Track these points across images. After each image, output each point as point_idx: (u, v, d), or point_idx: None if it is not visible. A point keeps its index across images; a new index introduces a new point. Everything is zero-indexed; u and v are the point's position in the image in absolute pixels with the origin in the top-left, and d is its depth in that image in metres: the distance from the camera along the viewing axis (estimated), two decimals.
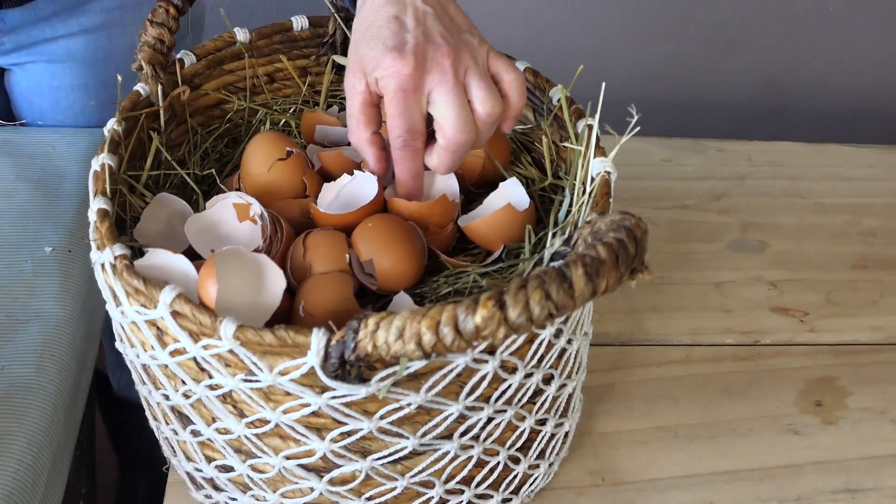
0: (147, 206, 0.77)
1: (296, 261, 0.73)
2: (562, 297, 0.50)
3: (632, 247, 0.53)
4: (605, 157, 0.73)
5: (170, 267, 0.67)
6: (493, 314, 0.50)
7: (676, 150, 1.23)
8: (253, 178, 0.79)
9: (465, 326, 0.50)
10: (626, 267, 0.53)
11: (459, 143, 0.71)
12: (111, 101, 1.09)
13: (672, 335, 0.98)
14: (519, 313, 0.49)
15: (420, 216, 0.76)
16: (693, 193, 1.17)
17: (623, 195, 1.14)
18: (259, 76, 0.92)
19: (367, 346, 0.54)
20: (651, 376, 0.94)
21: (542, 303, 0.50)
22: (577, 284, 0.51)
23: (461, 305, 0.50)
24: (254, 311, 0.66)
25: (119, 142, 0.75)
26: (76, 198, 1.00)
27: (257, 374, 0.61)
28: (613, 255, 0.52)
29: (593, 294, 0.51)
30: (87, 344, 0.96)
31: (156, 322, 0.64)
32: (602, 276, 0.51)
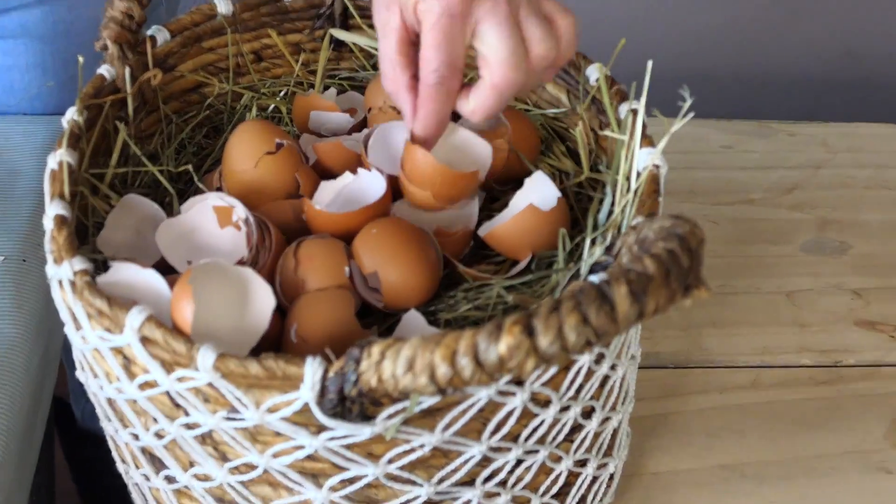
0: (112, 211, 0.76)
1: (287, 275, 0.73)
2: (602, 320, 0.50)
3: (685, 259, 0.53)
4: (654, 147, 0.73)
5: (138, 283, 0.66)
6: (520, 342, 0.49)
7: (739, 135, 1.23)
8: (237, 176, 0.79)
9: (487, 357, 0.50)
10: (679, 283, 0.52)
11: (509, 83, 0.71)
12: (73, 82, 1.10)
13: (737, 355, 0.98)
14: (551, 341, 0.49)
15: (438, 179, 0.75)
16: (759, 186, 1.16)
17: (675, 189, 1.14)
18: (244, 54, 0.92)
19: (370, 380, 0.54)
20: (712, 404, 0.93)
21: (578, 328, 0.49)
22: (620, 306, 0.50)
23: (482, 332, 0.50)
24: (237, 335, 0.66)
25: (80, 135, 0.75)
26: (33, 198, 1.00)
27: (242, 412, 0.60)
28: (664, 269, 0.52)
29: (639, 317, 0.50)
30: (44, 369, 0.96)
31: (122, 349, 0.63)
32: (650, 295, 0.51)
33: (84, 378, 0.71)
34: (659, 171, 0.71)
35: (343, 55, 0.96)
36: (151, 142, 0.87)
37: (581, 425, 0.70)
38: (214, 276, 0.67)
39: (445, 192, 0.77)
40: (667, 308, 0.52)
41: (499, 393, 0.62)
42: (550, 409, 0.66)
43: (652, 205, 0.68)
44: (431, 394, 0.52)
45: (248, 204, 0.75)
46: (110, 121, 0.81)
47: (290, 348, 0.68)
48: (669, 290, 0.52)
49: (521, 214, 0.76)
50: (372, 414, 0.59)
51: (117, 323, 0.61)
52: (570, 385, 0.66)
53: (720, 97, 1.60)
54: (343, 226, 0.75)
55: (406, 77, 0.75)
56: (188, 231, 0.75)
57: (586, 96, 0.82)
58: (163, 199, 0.83)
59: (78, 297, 0.64)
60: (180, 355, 0.59)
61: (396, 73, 0.75)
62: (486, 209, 0.84)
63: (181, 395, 0.62)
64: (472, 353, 0.50)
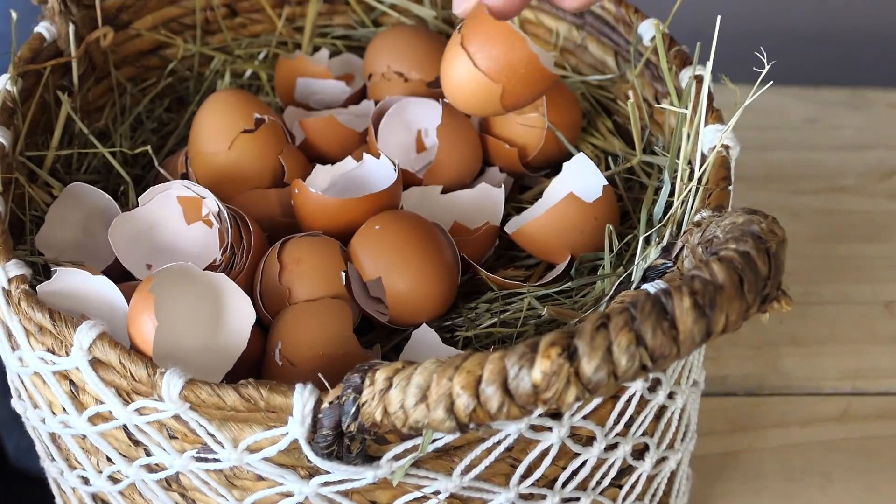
0: (54, 203, 0.77)
1: (269, 282, 0.73)
2: (660, 341, 0.50)
3: (763, 264, 0.53)
4: (723, 123, 0.73)
5: (87, 293, 0.67)
6: (560, 367, 0.49)
7: (826, 106, 1.23)
8: (207, 159, 0.80)
9: (519, 385, 0.50)
10: (756, 294, 0.52)
11: None
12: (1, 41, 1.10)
13: (822, 380, 0.98)
14: (597, 367, 0.49)
15: (520, 68, 0.74)
16: (852, 170, 1.17)
17: (746, 174, 1.14)
18: (214, 7, 0.93)
19: (374, 412, 0.54)
20: (792, 441, 0.93)
21: (630, 350, 0.49)
22: (682, 322, 0.50)
23: (512, 354, 0.50)
24: (209, 357, 0.67)
25: (14, 108, 0.76)
26: None
27: (216, 451, 0.61)
28: (736, 277, 0.52)
29: (706, 336, 0.51)
30: None
31: (69, 374, 0.64)
32: (719, 309, 0.51)
33: (21, 408, 0.72)
34: (729, 154, 0.71)
35: (336, 8, 0.97)
36: (101, 116, 0.88)
37: (632, 467, 0.71)
38: (181, 284, 0.67)
39: (521, 89, 0.75)
40: (739, 324, 0.52)
41: (531, 428, 0.62)
42: (594, 448, 0.66)
43: (720, 195, 0.68)
44: (449, 429, 0.52)
45: (220, 194, 0.76)
46: (51, 91, 0.82)
47: (273, 372, 0.69)
48: (743, 302, 0.52)
49: (559, 207, 0.77)
50: (375, 454, 0.60)
51: (63, 342, 0.62)
52: (619, 418, 0.66)
53: (802, 59, 1.59)
54: (341, 217, 0.75)
55: None
56: (147, 228, 0.76)
57: (639, 59, 0.83)
58: (115, 189, 0.83)
59: (14, 310, 0.64)
60: (140, 381, 0.60)
61: None
62: (514, 200, 0.85)
63: (141, 431, 0.62)
64: (499, 380, 0.50)
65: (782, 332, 1.01)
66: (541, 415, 0.62)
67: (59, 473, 0.72)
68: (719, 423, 0.94)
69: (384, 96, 0.85)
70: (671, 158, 0.77)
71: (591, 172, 0.80)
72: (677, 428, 0.74)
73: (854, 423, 0.95)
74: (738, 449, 0.93)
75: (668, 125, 0.81)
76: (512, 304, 0.76)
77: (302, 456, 0.58)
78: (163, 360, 0.63)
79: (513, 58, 0.73)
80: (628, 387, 0.66)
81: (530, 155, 0.83)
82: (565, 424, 0.63)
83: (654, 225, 0.77)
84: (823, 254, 1.08)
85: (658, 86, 0.81)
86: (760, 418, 0.95)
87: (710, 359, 0.98)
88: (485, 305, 0.76)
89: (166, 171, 0.83)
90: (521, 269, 0.81)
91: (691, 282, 0.52)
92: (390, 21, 0.96)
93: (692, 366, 0.74)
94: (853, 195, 1.14)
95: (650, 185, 0.81)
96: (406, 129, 0.84)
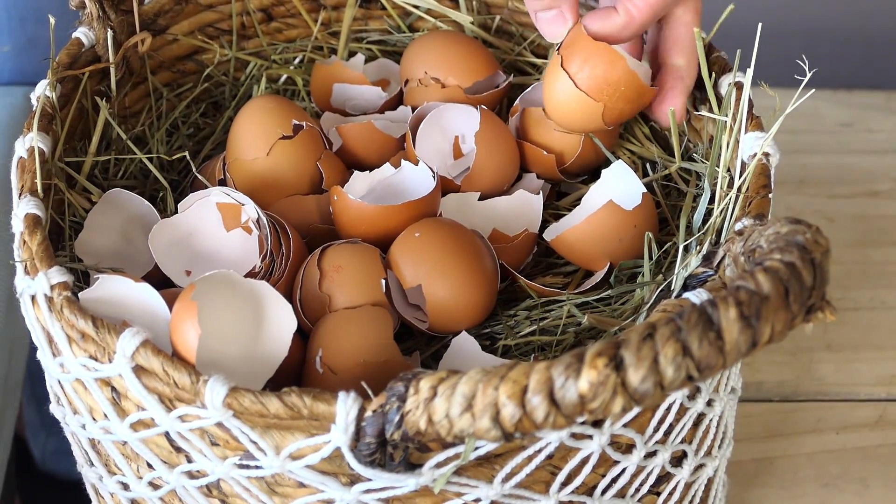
0: (93, 208, 0.78)
1: (310, 289, 0.74)
2: (706, 351, 0.50)
3: (808, 275, 0.53)
4: (762, 130, 0.73)
5: (129, 300, 0.67)
6: (606, 378, 0.50)
7: (862, 110, 1.23)
8: (245, 166, 0.80)
9: (565, 395, 0.50)
10: (801, 305, 0.52)
11: None
12: (32, 45, 1.11)
13: (858, 386, 0.98)
14: (643, 377, 0.49)
15: (621, 85, 0.76)
16: (888, 174, 1.16)
17: (781, 178, 1.14)
18: (251, 12, 0.93)
19: (419, 421, 0.54)
20: (827, 447, 0.94)
21: (676, 361, 0.50)
22: (728, 333, 0.50)
23: (558, 364, 0.51)
24: (250, 365, 0.67)
25: (53, 114, 0.76)
26: None
27: (258, 458, 0.61)
28: (781, 287, 0.52)
29: (752, 347, 0.51)
30: (5, 400, 0.97)
31: (111, 381, 0.64)
32: (765, 319, 0.51)
33: (60, 414, 0.72)
34: (769, 161, 0.71)
35: (372, 13, 0.97)
36: (137, 121, 0.88)
37: (670, 474, 0.71)
38: (223, 292, 0.68)
39: (622, 106, 0.77)
40: (784, 334, 0.52)
41: (572, 436, 0.62)
42: (633, 456, 0.66)
43: (760, 203, 0.69)
44: (494, 439, 0.52)
45: (259, 201, 0.76)
46: (88, 96, 0.82)
47: (313, 380, 0.69)
48: (789, 312, 0.52)
49: (599, 214, 0.77)
50: (417, 461, 0.60)
51: (105, 349, 0.62)
52: (658, 426, 0.67)
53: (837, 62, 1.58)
54: (380, 224, 0.76)
55: None
56: (187, 234, 0.76)
57: None
58: (152, 194, 0.84)
59: (56, 317, 0.65)
60: (183, 389, 0.60)
61: None
62: (551, 207, 0.85)
63: (183, 437, 0.63)
64: (546, 390, 0.51)
65: (817, 339, 1.01)
66: (582, 423, 0.62)
67: (97, 479, 0.73)
68: (755, 429, 0.94)
69: (421, 102, 0.86)
70: (711, 166, 0.77)
71: (630, 179, 0.80)
72: (715, 435, 0.74)
73: (890, 429, 0.95)
74: (773, 455, 0.93)
75: (706, 131, 0.81)
76: (551, 312, 0.77)
77: (344, 463, 0.59)
78: (205, 367, 0.63)
79: (613, 76, 0.76)
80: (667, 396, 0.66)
81: (567, 161, 0.84)
82: (606, 432, 0.64)
83: (694, 233, 0.77)
84: (858, 259, 1.08)
85: (696, 92, 0.81)
86: (795, 424, 0.95)
87: (745, 365, 0.98)
88: (524, 313, 0.77)
89: (204, 178, 0.83)
90: (560, 276, 0.81)
91: (737, 292, 0.52)
92: (426, 26, 0.96)
93: (731, 373, 0.74)
94: (888, 199, 1.14)
95: (689, 192, 0.81)
96: (443, 135, 0.85)
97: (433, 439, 0.54)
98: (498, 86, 0.88)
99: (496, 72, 0.88)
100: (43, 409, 1.33)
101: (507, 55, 0.94)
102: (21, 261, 0.68)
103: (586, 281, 0.79)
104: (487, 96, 0.86)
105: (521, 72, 0.94)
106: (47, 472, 1.42)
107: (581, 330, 0.74)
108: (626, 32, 0.77)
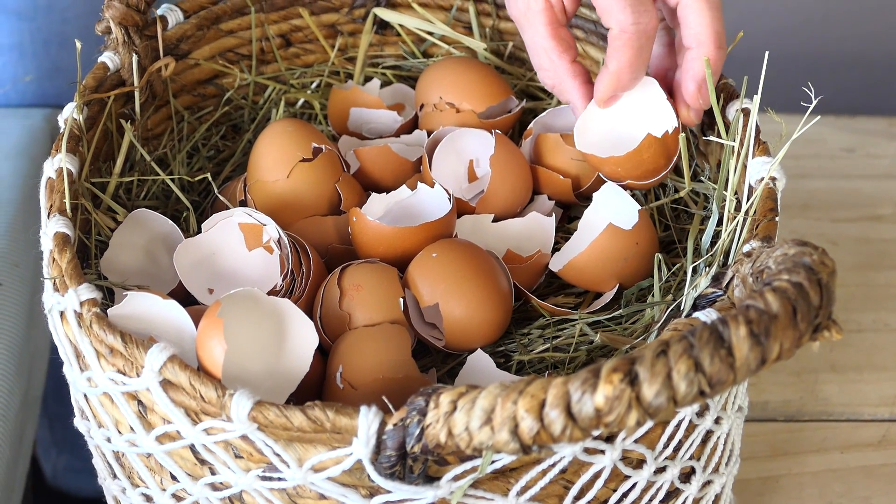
0: (118, 228, 0.79)
1: (329, 307, 0.75)
2: (717, 367, 0.51)
3: (815, 294, 0.54)
4: (769, 155, 0.74)
5: (156, 317, 0.69)
6: (622, 392, 0.51)
7: (864, 136, 1.23)
8: (266, 187, 0.81)
9: (582, 409, 0.51)
10: (808, 324, 0.54)
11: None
12: (56, 69, 1.12)
13: (861, 406, 0.99)
14: (657, 391, 0.51)
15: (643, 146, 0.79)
16: (890, 198, 1.17)
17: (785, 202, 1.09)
18: (270, 38, 0.95)
19: (439, 434, 0.55)
20: (831, 466, 0.94)
21: (689, 376, 0.51)
22: (738, 350, 0.52)
23: (575, 379, 0.52)
24: (273, 380, 0.68)
25: (80, 136, 0.78)
26: (9, 208, 1.02)
27: (281, 470, 0.62)
28: (789, 306, 0.53)
29: (762, 363, 0.52)
30: (25, 414, 0.98)
31: (138, 395, 0.65)
32: (774, 337, 0.52)
33: (84, 427, 0.73)
34: (776, 186, 0.73)
35: (388, 39, 0.99)
36: (159, 143, 0.90)
37: (678, 490, 0.72)
38: (247, 309, 0.69)
39: (646, 163, 0.80)
40: (792, 352, 0.53)
41: (585, 451, 0.63)
42: (644, 471, 0.67)
43: (767, 226, 0.70)
44: (513, 451, 0.53)
45: (280, 221, 0.77)
46: (113, 119, 0.83)
47: (334, 395, 0.70)
48: (796, 331, 0.53)
49: (601, 239, 0.78)
50: (435, 474, 0.61)
51: (134, 363, 0.63)
52: (668, 442, 0.67)
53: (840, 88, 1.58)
54: (397, 245, 0.77)
55: (566, 62, 0.80)
56: (210, 254, 0.77)
57: None
58: (174, 214, 0.85)
59: (85, 332, 0.66)
60: (210, 402, 0.61)
61: (553, 61, 0.80)
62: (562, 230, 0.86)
63: (208, 450, 0.64)
64: (563, 404, 0.52)
65: (821, 360, 1.02)
66: (594, 438, 0.63)
67: (120, 491, 0.73)
68: (760, 448, 0.95)
69: (436, 126, 0.87)
70: (719, 189, 0.78)
71: (623, 199, 0.81)
72: (723, 452, 0.74)
73: (893, 448, 0.95)
74: (778, 474, 0.93)
75: (714, 155, 0.82)
76: (564, 330, 0.78)
77: (364, 476, 0.60)
78: (230, 382, 0.64)
79: (636, 157, 0.81)
80: (679, 411, 0.67)
81: (584, 185, 0.85)
82: (618, 448, 0.64)
83: (702, 254, 0.78)
84: (861, 282, 1.09)
85: (704, 117, 0.82)
86: (800, 444, 0.95)
87: (751, 385, 0.97)
88: (537, 331, 0.78)
89: (226, 199, 0.84)
90: (571, 296, 0.82)
91: (747, 311, 0.53)
92: (440, 52, 0.97)
93: (738, 392, 0.74)
94: (891, 223, 1.15)
95: (697, 214, 0.82)
96: (459, 158, 0.86)
97: (452, 452, 0.55)
98: (511, 110, 0.89)
99: (509, 97, 0.89)
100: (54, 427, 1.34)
101: (519, 80, 0.95)
102: (51, 278, 0.69)
103: (596, 301, 0.80)
104: (500, 121, 0.88)
105: (534, 97, 0.95)
106: (58, 489, 1.42)
107: (593, 348, 0.75)
108: (626, 78, 0.78)
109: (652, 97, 0.81)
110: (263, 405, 0.60)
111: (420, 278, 0.75)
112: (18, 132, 1.08)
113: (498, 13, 0.96)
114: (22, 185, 1.04)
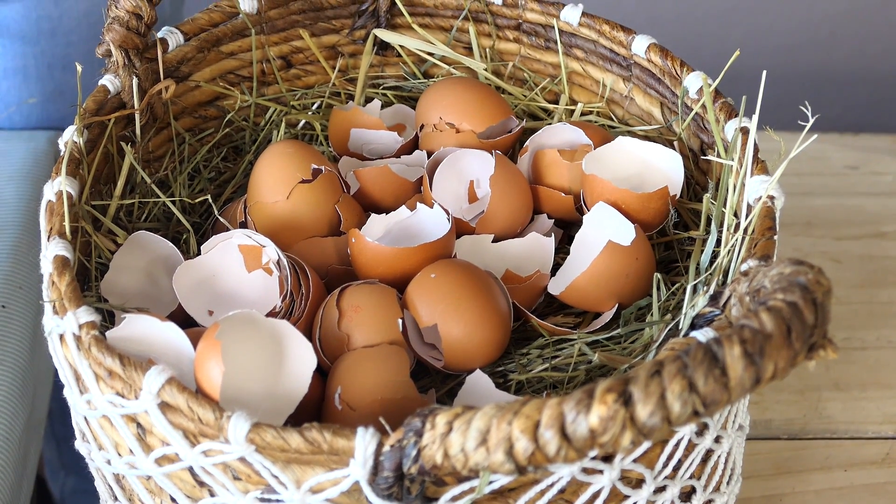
0: (119, 250, 0.79)
1: (328, 328, 0.75)
2: (711, 387, 0.51)
3: (809, 313, 0.54)
4: (768, 174, 0.74)
5: (155, 339, 0.69)
6: (616, 413, 0.51)
7: (867, 153, 1.23)
8: (266, 209, 0.82)
9: (576, 430, 0.51)
10: (803, 343, 0.54)
11: None
12: (59, 92, 1.12)
13: (865, 424, 0.98)
14: (651, 412, 0.51)
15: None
16: (894, 215, 1.17)
17: (788, 220, 1.14)
18: (270, 60, 0.95)
19: (435, 455, 0.55)
20: (836, 484, 0.94)
21: (683, 396, 0.51)
22: (732, 370, 0.52)
23: (569, 400, 0.52)
24: (272, 401, 0.68)
25: (81, 159, 0.78)
26: (13, 230, 1.03)
27: (279, 492, 0.62)
28: (784, 326, 0.53)
29: (756, 383, 0.52)
30: (30, 436, 0.98)
31: (137, 417, 0.65)
32: (768, 357, 0.52)
33: (85, 450, 0.73)
34: (774, 204, 0.72)
35: (388, 60, 0.99)
36: (160, 166, 0.90)
37: None
38: (245, 331, 0.69)
39: (650, 211, 0.81)
40: (787, 371, 0.53)
41: (583, 471, 0.63)
42: (643, 490, 0.67)
43: (766, 245, 0.70)
44: (508, 472, 0.53)
45: (278, 243, 0.78)
46: (114, 141, 0.84)
47: (333, 416, 0.70)
48: (791, 350, 0.53)
49: (601, 258, 0.78)
50: (433, 495, 0.61)
51: (132, 386, 0.63)
52: (668, 461, 0.67)
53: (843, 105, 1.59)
54: (396, 266, 0.77)
55: None
56: (210, 275, 0.78)
57: (686, 111, 0.84)
58: (175, 236, 0.86)
59: (84, 355, 0.66)
60: (207, 424, 0.61)
61: None
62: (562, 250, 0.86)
63: (207, 472, 0.64)
64: (557, 424, 0.52)
65: (825, 377, 1.02)
66: (593, 458, 0.63)
67: None
68: (763, 466, 0.94)
69: (436, 147, 0.87)
70: (717, 208, 0.78)
71: (615, 217, 0.81)
72: (723, 471, 0.74)
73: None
74: (782, 492, 0.93)
75: (714, 175, 0.82)
76: (563, 350, 0.78)
77: (362, 497, 0.59)
78: (229, 404, 0.64)
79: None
80: (677, 431, 0.67)
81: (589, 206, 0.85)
82: (616, 467, 0.64)
83: (701, 273, 0.78)
84: (865, 299, 1.09)
85: (703, 136, 0.83)
86: (804, 462, 0.95)
87: (753, 403, 0.98)
88: (536, 351, 0.78)
89: (226, 220, 0.84)
90: (570, 315, 0.82)
91: (741, 330, 0.53)
92: (440, 73, 0.98)
93: (738, 411, 0.74)
94: (894, 241, 1.15)
95: (697, 236, 0.82)
96: (459, 179, 0.86)
97: (449, 473, 0.55)
98: (511, 130, 0.90)
99: (509, 117, 0.90)
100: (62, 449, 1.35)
101: (519, 101, 0.95)
102: (50, 301, 0.69)
103: (595, 321, 0.80)
104: (500, 141, 0.88)
105: (534, 117, 0.96)
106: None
107: (592, 367, 0.75)
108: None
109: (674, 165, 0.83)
110: (261, 427, 0.60)
111: (419, 299, 0.75)
112: (23, 154, 1.09)
113: (498, 34, 0.96)
114: (26, 207, 1.04)
